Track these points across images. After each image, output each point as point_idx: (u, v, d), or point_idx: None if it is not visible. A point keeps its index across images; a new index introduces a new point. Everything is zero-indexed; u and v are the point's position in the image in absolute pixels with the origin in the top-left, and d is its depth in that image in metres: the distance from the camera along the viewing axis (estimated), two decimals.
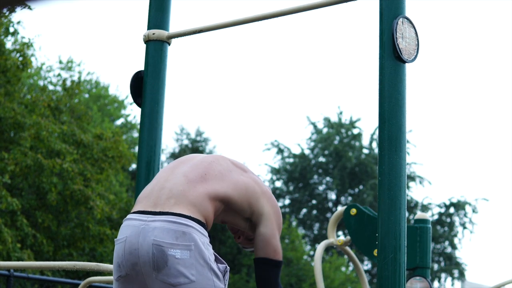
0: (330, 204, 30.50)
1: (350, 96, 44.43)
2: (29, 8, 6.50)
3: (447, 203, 29.84)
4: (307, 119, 31.34)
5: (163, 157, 23.64)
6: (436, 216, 29.80)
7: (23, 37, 14.49)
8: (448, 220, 29.90)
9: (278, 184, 30.55)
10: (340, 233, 23.20)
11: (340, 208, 5.09)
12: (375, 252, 3.59)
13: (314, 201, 30.42)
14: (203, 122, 50.66)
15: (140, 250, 2.55)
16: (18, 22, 13.81)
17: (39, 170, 12.65)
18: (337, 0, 3.18)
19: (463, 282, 29.74)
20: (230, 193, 2.71)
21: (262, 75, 44.10)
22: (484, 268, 44.05)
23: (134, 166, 21.16)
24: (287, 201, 30.33)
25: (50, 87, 20.69)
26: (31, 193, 13.38)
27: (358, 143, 30.22)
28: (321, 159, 30.58)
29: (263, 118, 42.73)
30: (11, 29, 13.85)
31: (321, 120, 30.97)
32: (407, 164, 26.48)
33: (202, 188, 2.66)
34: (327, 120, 30.73)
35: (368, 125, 39.93)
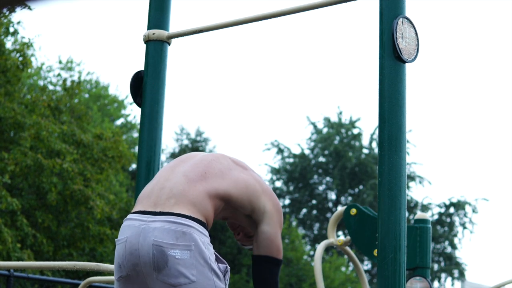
0: (330, 204, 30.49)
1: (349, 96, 44.45)
2: (29, 8, 6.50)
3: (447, 203, 29.83)
4: (307, 119, 31.35)
5: (163, 157, 23.62)
6: (436, 216, 29.78)
7: (23, 37, 14.49)
8: (448, 220, 29.88)
9: (278, 184, 30.54)
10: (340, 233, 23.19)
11: (340, 208, 5.09)
12: (375, 252, 3.59)
13: (314, 201, 30.41)
14: (203, 122, 50.67)
15: (141, 251, 2.55)
16: (18, 22, 13.82)
17: (39, 170, 12.65)
18: (337, 0, 3.18)
19: (463, 282, 29.73)
20: (231, 190, 2.72)
21: (262, 75, 44.10)
22: (484, 268, 44.06)
23: (134, 166, 21.16)
24: (287, 201, 30.32)
25: (50, 87, 20.68)
26: (31, 193, 13.37)
27: (358, 143, 30.21)
28: (321, 159, 30.57)
29: (263, 118, 42.72)
30: (11, 29, 13.85)
31: (321, 120, 30.98)
32: (407, 164, 26.47)
33: (202, 187, 2.66)
34: (327, 120, 30.72)
35: (368, 125, 39.95)
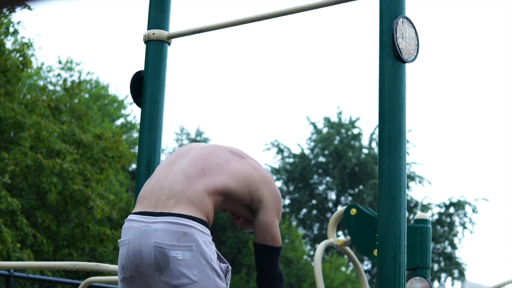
0: (330, 204, 30.49)
1: (349, 96, 44.45)
2: (29, 8, 6.50)
3: (447, 203, 29.82)
4: (307, 119, 31.34)
5: (163, 157, 23.48)
6: (436, 216, 29.77)
7: (23, 37, 14.49)
8: (448, 220, 29.87)
9: (278, 184, 30.54)
10: (340, 233, 23.19)
11: (340, 208, 5.09)
12: (375, 252, 3.59)
13: (314, 201, 30.41)
14: (203, 122, 50.68)
15: (143, 252, 2.56)
16: (18, 22, 13.81)
17: (39, 170, 12.64)
18: (337, 0, 3.18)
19: (463, 282, 29.73)
20: (229, 184, 2.73)
21: (262, 75, 44.10)
22: (484, 268, 44.06)
23: (134, 166, 21.15)
24: (287, 201, 30.31)
25: (50, 87, 20.68)
26: (31, 193, 13.37)
27: (358, 143, 30.21)
28: (321, 159, 30.57)
29: (263, 118, 42.72)
30: (11, 29, 13.84)
31: (321, 120, 30.97)
32: (407, 164, 26.47)
33: (200, 184, 2.67)
34: (327, 120, 30.72)
35: (368, 125, 39.95)
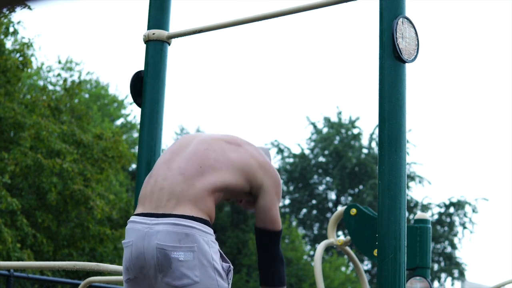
0: (330, 204, 30.48)
1: (349, 96, 44.45)
2: (29, 8, 6.50)
3: (447, 203, 29.82)
4: (307, 119, 31.34)
5: None
6: (436, 216, 29.77)
7: (23, 37, 14.49)
8: (448, 220, 29.86)
9: None
10: (340, 233, 23.19)
11: (340, 208, 5.09)
12: (375, 252, 3.59)
13: (314, 201, 30.40)
14: (203, 122, 50.65)
15: (146, 254, 2.60)
16: (18, 22, 13.82)
17: (39, 170, 12.64)
18: (337, 0, 3.18)
19: (463, 282, 29.72)
20: (228, 179, 2.74)
21: (262, 75, 44.10)
22: (484, 268, 44.06)
23: (134, 166, 21.15)
24: (287, 201, 30.30)
25: (50, 87, 20.68)
26: (31, 193, 13.36)
27: (357, 143, 30.21)
28: (321, 159, 30.56)
29: (263, 118, 42.72)
30: (11, 29, 13.84)
31: (321, 120, 30.97)
32: (407, 164, 26.47)
33: (200, 184, 2.69)
34: (327, 120, 30.71)
35: (367, 125, 39.96)
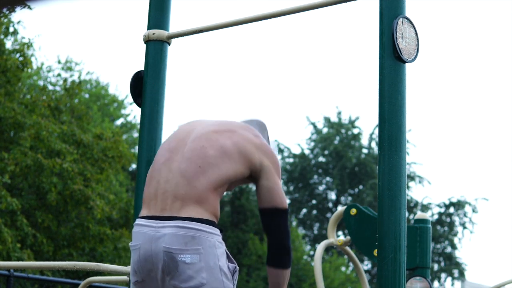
0: (330, 204, 30.48)
1: (349, 96, 44.44)
2: (29, 8, 6.50)
3: (447, 203, 29.81)
4: (307, 119, 31.33)
5: None
6: (436, 216, 29.76)
7: (23, 37, 14.48)
8: (448, 220, 29.86)
9: None
10: (340, 233, 23.19)
11: (340, 208, 5.09)
12: (375, 252, 3.59)
13: (314, 201, 30.40)
14: None
15: (153, 257, 2.64)
16: (18, 22, 13.81)
17: (39, 170, 12.63)
18: (337, 0, 3.18)
19: (463, 282, 29.72)
20: (228, 171, 2.74)
21: (261, 75, 44.09)
22: (484, 268, 44.04)
23: (134, 166, 21.15)
24: (287, 201, 30.28)
25: (50, 87, 20.67)
26: (31, 193, 13.36)
27: (357, 143, 30.20)
28: (321, 159, 30.56)
29: (263, 118, 42.63)
30: (11, 29, 13.84)
31: (321, 120, 30.96)
32: (407, 164, 26.45)
33: (202, 183, 2.69)
34: (327, 120, 30.70)
35: (366, 125, 39.96)
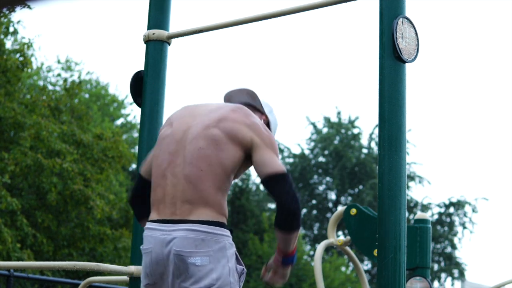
0: (330, 204, 30.47)
1: (349, 96, 44.43)
2: (29, 8, 6.50)
3: (447, 202, 29.80)
4: (306, 119, 31.32)
5: None
6: (436, 216, 29.75)
7: (23, 37, 14.48)
8: (448, 220, 29.85)
9: None
10: (340, 233, 23.18)
11: (340, 208, 5.09)
12: (375, 252, 3.59)
13: (314, 201, 30.39)
14: None
15: (165, 260, 2.70)
16: (18, 22, 13.81)
17: (39, 170, 12.63)
18: (337, 0, 3.18)
19: (463, 282, 29.71)
20: (227, 164, 2.77)
21: (261, 75, 44.09)
22: (484, 268, 44.05)
23: (134, 166, 21.15)
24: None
25: (50, 87, 20.67)
26: (31, 193, 13.36)
27: (357, 143, 30.19)
28: (321, 159, 30.55)
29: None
30: (11, 29, 13.84)
31: (321, 120, 30.95)
32: (407, 164, 26.45)
33: (207, 185, 2.73)
34: (327, 120, 30.69)
35: (366, 125, 39.95)
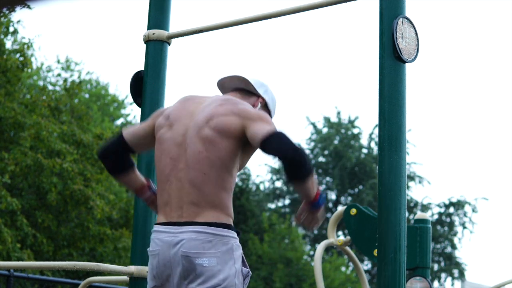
0: (330, 204, 30.48)
1: (349, 96, 44.42)
2: (29, 8, 6.50)
3: (447, 202, 29.80)
4: (306, 119, 31.32)
5: None
6: (436, 216, 29.75)
7: (23, 37, 14.48)
8: (448, 220, 29.84)
9: (278, 184, 30.51)
10: (340, 233, 23.18)
11: (340, 208, 5.09)
12: (375, 252, 3.59)
13: None
14: None
15: (172, 262, 2.74)
16: (18, 21, 13.80)
17: (39, 170, 12.63)
18: (337, 0, 3.18)
19: (463, 282, 29.71)
20: (228, 161, 2.79)
21: (261, 75, 44.05)
22: (484, 268, 44.04)
23: None
24: (287, 201, 30.29)
25: (50, 87, 20.67)
26: (31, 193, 13.35)
27: (357, 143, 30.19)
28: (321, 159, 30.55)
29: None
30: (11, 29, 13.83)
31: (321, 120, 30.95)
32: (407, 164, 26.44)
33: (212, 188, 2.76)
34: (326, 120, 30.69)
35: (366, 125, 39.94)
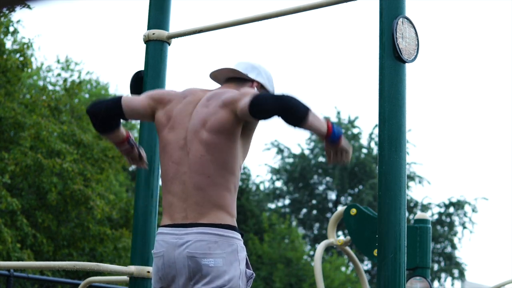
0: (330, 204, 30.48)
1: (349, 96, 44.42)
2: (28, 7, 6.50)
3: (447, 202, 29.80)
4: None
5: None
6: (436, 216, 29.74)
7: (23, 37, 14.48)
8: (448, 220, 29.84)
9: (278, 184, 30.52)
10: (340, 233, 23.18)
11: (340, 208, 5.10)
12: (375, 252, 3.59)
13: (314, 201, 30.39)
14: None
15: (177, 263, 2.76)
16: (18, 21, 13.80)
17: (39, 170, 12.63)
18: (337, 0, 3.18)
19: (463, 282, 29.71)
20: (230, 159, 2.81)
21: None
22: (484, 268, 44.05)
23: (134, 166, 21.15)
24: (287, 201, 30.29)
25: (50, 87, 20.67)
26: (31, 193, 13.35)
27: (357, 143, 30.19)
28: (321, 159, 30.55)
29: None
30: (11, 29, 13.83)
31: None
32: (407, 164, 26.43)
33: (217, 190, 2.79)
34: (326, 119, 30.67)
35: (366, 125, 39.95)
